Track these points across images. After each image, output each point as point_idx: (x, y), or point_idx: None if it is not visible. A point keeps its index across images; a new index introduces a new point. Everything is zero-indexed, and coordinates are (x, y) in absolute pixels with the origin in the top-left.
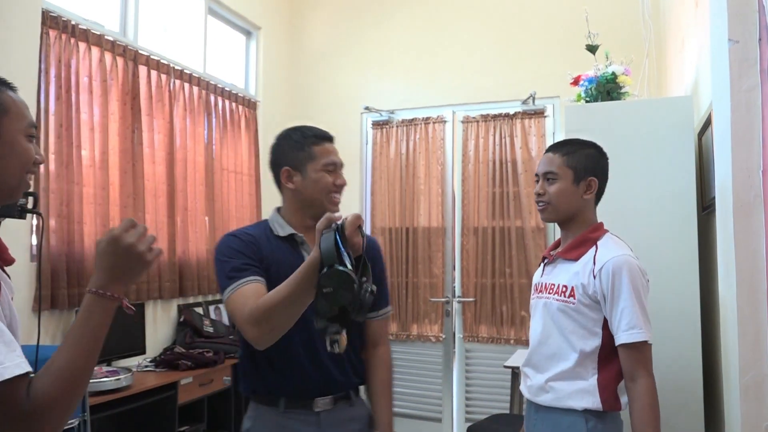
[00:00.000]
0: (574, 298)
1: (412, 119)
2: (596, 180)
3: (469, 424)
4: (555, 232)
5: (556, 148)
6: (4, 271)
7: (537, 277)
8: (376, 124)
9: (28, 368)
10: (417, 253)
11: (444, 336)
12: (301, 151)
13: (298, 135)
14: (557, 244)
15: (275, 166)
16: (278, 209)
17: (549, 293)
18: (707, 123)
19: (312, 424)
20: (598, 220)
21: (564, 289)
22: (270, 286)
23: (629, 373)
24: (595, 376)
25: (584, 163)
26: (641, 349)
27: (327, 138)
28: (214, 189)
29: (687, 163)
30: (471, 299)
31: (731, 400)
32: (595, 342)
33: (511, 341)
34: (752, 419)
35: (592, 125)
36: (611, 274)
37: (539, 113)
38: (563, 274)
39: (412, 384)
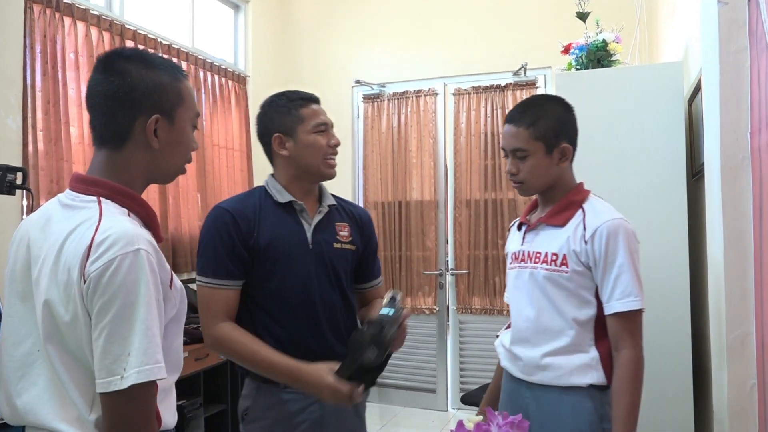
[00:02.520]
0: (567, 267)
1: (404, 92)
2: (569, 145)
3: (463, 393)
4: None
5: (517, 118)
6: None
7: (515, 245)
8: (367, 98)
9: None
10: (410, 226)
11: (438, 308)
12: (288, 115)
13: (283, 100)
14: (533, 207)
15: (265, 134)
16: (273, 175)
17: (535, 262)
18: (697, 89)
19: (312, 397)
20: (577, 181)
21: (554, 257)
22: (266, 254)
23: (614, 342)
24: (595, 348)
25: (553, 130)
26: (633, 318)
27: (313, 99)
28: (205, 165)
29: (677, 130)
30: (464, 271)
31: (718, 359)
32: (590, 311)
33: (504, 312)
34: (738, 377)
35: (582, 93)
36: (606, 239)
37: (531, 84)
38: (550, 240)
39: (407, 356)
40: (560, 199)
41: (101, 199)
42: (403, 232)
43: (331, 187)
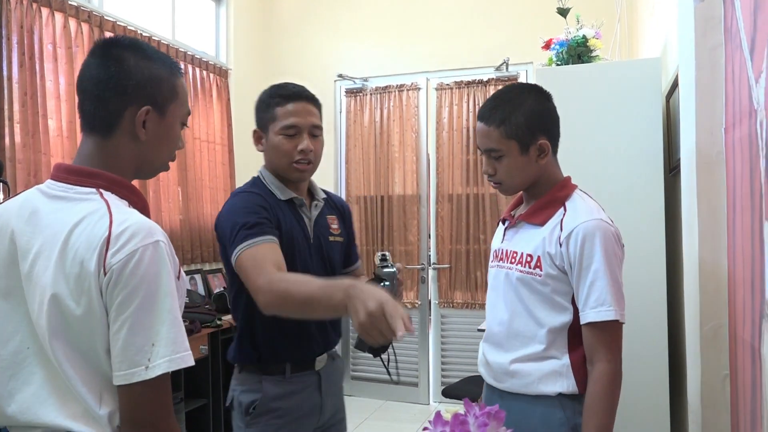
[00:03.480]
0: (541, 270)
1: (386, 86)
2: (547, 141)
3: (444, 387)
4: None
5: (488, 116)
6: None
7: (497, 242)
8: (350, 92)
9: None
10: (392, 220)
11: (420, 302)
12: (266, 111)
13: (266, 94)
14: (518, 203)
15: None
16: (266, 167)
17: (511, 262)
18: (675, 85)
19: (314, 384)
20: (564, 174)
21: (529, 258)
22: (282, 250)
23: (589, 354)
24: (567, 356)
25: (526, 126)
26: (607, 329)
27: (294, 97)
28: (186, 159)
29: (655, 125)
30: (446, 266)
31: (692, 350)
32: (564, 318)
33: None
34: (711, 368)
35: (561, 88)
36: (580, 242)
37: (512, 79)
38: (527, 241)
39: (389, 350)
40: (543, 196)
41: (101, 191)
42: (386, 227)
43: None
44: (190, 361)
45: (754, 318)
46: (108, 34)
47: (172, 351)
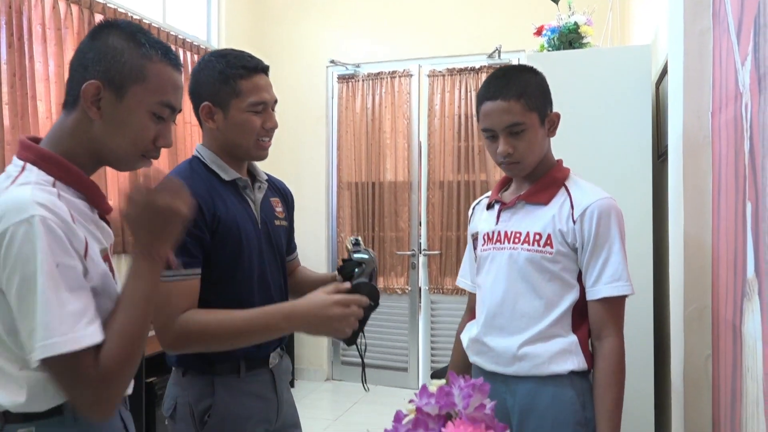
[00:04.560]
0: (552, 247)
1: (378, 73)
2: (557, 112)
3: (433, 371)
4: None
5: (504, 92)
6: (104, 220)
7: (486, 225)
8: (342, 78)
9: (98, 338)
10: (383, 207)
11: (410, 288)
12: (224, 84)
13: (222, 64)
14: (503, 185)
15: (194, 96)
16: (204, 145)
17: (515, 242)
18: (664, 72)
19: (268, 382)
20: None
21: (537, 237)
22: (225, 236)
23: (597, 330)
24: (572, 333)
25: (542, 97)
26: (618, 304)
27: (258, 69)
28: (176, 143)
29: (644, 112)
30: (436, 252)
31: (677, 332)
32: (572, 296)
33: None
34: (694, 348)
35: (552, 74)
36: (597, 219)
37: None
38: (532, 220)
39: (379, 335)
40: (543, 176)
41: (27, 165)
42: (377, 213)
43: (305, 167)
44: (66, 347)
45: (736, 298)
46: (98, 17)
47: (44, 336)
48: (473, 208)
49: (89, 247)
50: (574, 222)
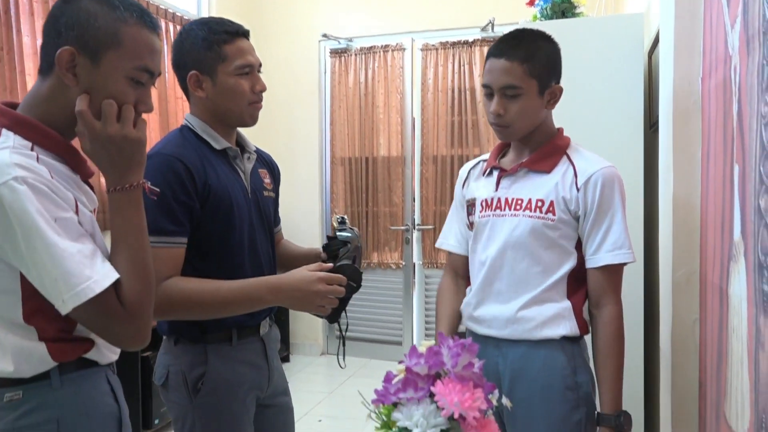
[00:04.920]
0: (554, 215)
1: (371, 47)
2: (560, 86)
3: None
4: None
5: (511, 53)
6: (87, 183)
7: (485, 192)
8: (334, 53)
9: (116, 274)
10: (377, 182)
11: (404, 263)
12: (208, 51)
13: (204, 31)
14: (500, 151)
15: (179, 67)
16: (193, 115)
17: (516, 209)
18: (657, 41)
19: (259, 350)
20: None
21: (540, 204)
22: (216, 205)
23: (596, 297)
24: (566, 299)
25: (547, 68)
26: (618, 271)
27: (240, 33)
28: (168, 118)
29: (636, 81)
30: (430, 227)
31: (665, 296)
32: (569, 264)
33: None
34: (682, 312)
35: None
36: (601, 187)
37: None
38: (534, 187)
39: (374, 310)
40: (544, 144)
41: (3, 130)
42: (370, 188)
43: (298, 142)
44: (96, 289)
45: (723, 260)
46: None
47: (71, 286)
48: (468, 171)
49: (78, 205)
50: (577, 189)
